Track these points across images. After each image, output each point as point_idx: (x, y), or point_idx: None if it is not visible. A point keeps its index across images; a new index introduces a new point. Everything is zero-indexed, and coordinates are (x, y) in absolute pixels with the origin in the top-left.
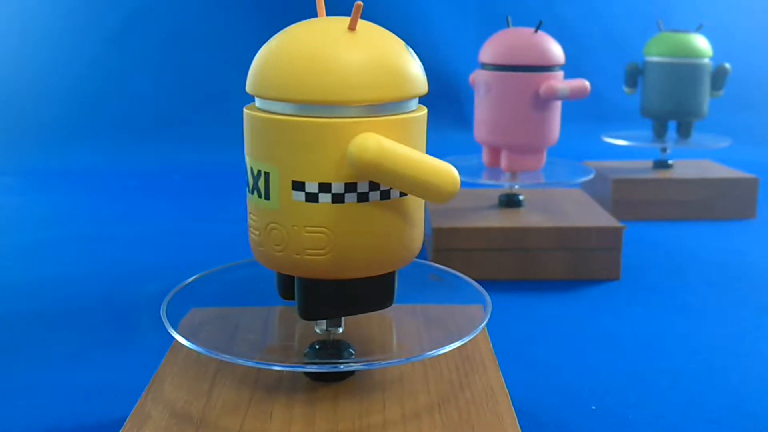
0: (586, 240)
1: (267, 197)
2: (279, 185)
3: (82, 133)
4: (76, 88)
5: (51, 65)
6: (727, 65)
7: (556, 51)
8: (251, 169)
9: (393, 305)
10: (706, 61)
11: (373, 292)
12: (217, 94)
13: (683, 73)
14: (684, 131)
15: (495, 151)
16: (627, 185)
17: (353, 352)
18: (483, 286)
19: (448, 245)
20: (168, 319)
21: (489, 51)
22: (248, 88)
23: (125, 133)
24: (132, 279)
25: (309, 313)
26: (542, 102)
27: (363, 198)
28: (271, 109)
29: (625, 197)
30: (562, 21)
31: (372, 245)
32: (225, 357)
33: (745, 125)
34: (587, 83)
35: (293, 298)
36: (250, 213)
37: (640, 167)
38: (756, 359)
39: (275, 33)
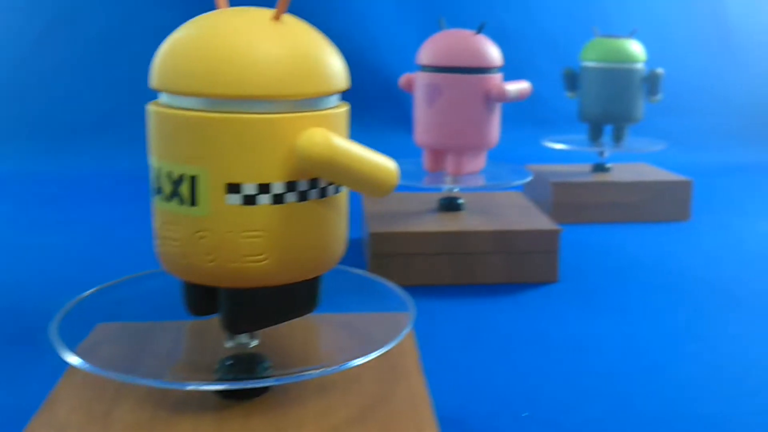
0: (523, 243)
1: (193, 203)
2: (209, 189)
3: (2, 137)
4: None
5: None
6: (660, 70)
7: (497, 53)
8: (168, 173)
9: (317, 315)
10: (640, 65)
11: (301, 296)
12: (148, 97)
13: (617, 78)
14: (617, 135)
15: (437, 155)
16: (566, 188)
17: (268, 366)
18: (421, 292)
19: (387, 250)
20: (68, 336)
21: (434, 53)
22: (157, 83)
23: (48, 137)
24: (48, 291)
25: (238, 326)
26: (489, 103)
27: (303, 197)
28: (190, 107)
29: (565, 200)
30: (503, 25)
31: (311, 245)
32: (116, 376)
33: (680, 129)
34: (530, 84)
35: (207, 313)
36: (165, 223)
37: (580, 171)
38: (689, 360)
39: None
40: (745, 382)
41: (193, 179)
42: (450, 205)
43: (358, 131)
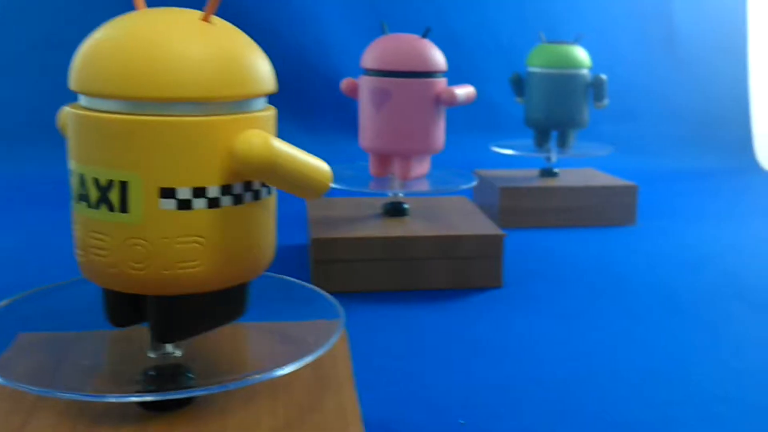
0: (467, 248)
1: (124, 210)
2: (142, 195)
3: None
4: None
5: None
6: (603, 76)
7: (442, 57)
8: (94, 179)
9: (246, 323)
10: (585, 71)
11: (231, 302)
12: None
13: (562, 84)
14: (562, 140)
15: (383, 159)
16: (514, 193)
17: (192, 377)
18: (364, 298)
19: (329, 256)
20: None
21: (383, 57)
22: (81, 86)
23: None
24: None
25: (170, 335)
26: (437, 107)
27: (238, 200)
28: (119, 110)
29: (512, 205)
30: (453, 30)
31: (246, 249)
32: (32, 389)
33: (627, 135)
34: (474, 89)
35: (130, 324)
36: (90, 231)
37: (528, 175)
38: (626, 364)
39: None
40: (682, 386)
41: (123, 185)
42: (395, 210)
43: (304, 135)
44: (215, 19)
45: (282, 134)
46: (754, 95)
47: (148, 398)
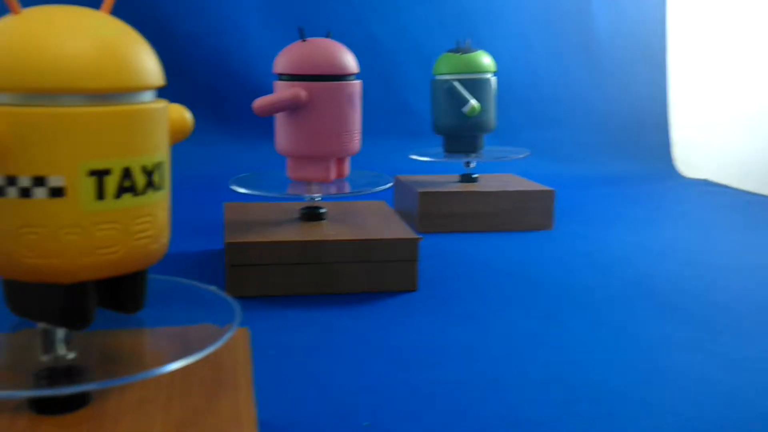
0: (383, 252)
1: (162, 187)
2: (168, 171)
3: None
4: None
5: None
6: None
7: None
8: (142, 167)
9: (146, 328)
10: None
11: None
12: None
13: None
14: (471, 145)
15: (330, 163)
16: (433, 198)
17: (86, 376)
18: (279, 302)
19: (243, 261)
20: None
21: (348, 61)
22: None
23: None
24: None
25: (143, 302)
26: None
27: None
28: (145, 100)
29: (432, 210)
30: (373, 37)
31: None
32: None
33: (546, 140)
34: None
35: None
36: (137, 218)
37: (448, 181)
38: (532, 365)
39: None
40: (584, 386)
41: (160, 165)
42: (311, 214)
43: (225, 140)
44: (98, 12)
45: (203, 139)
46: (673, 102)
47: (43, 393)
